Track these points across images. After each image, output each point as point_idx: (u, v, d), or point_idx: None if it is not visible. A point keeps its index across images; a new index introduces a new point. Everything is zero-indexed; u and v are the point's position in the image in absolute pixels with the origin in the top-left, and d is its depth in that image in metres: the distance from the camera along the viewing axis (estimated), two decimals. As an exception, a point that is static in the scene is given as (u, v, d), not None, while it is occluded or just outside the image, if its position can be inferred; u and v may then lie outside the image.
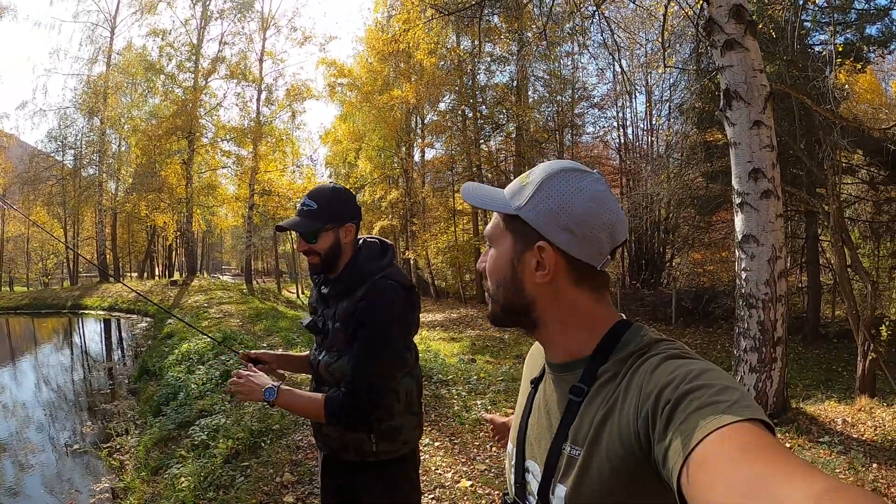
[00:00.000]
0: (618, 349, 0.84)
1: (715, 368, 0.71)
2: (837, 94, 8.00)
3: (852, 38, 12.83)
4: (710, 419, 0.60)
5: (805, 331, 14.34)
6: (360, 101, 24.35)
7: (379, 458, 1.81)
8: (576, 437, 0.80)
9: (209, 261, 53.00)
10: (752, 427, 0.58)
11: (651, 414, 0.69)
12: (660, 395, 0.69)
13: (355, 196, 1.95)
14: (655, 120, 23.37)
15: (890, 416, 4.93)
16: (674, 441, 0.62)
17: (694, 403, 0.64)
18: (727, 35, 4.83)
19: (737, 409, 0.61)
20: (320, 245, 1.81)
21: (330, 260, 1.83)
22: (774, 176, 4.84)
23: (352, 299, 1.78)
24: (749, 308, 4.97)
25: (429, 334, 14.93)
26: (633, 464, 0.71)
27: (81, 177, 28.65)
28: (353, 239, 1.86)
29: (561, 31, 16.25)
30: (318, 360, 1.87)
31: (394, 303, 1.77)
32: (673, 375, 0.70)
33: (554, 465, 0.83)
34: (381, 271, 1.82)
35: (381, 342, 1.74)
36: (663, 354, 0.77)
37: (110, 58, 26.23)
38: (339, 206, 1.83)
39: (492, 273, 0.92)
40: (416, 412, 1.92)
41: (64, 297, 23.67)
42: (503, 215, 0.90)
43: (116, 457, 5.71)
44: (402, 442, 1.85)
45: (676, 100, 20.78)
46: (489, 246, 0.94)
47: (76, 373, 11.20)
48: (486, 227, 0.94)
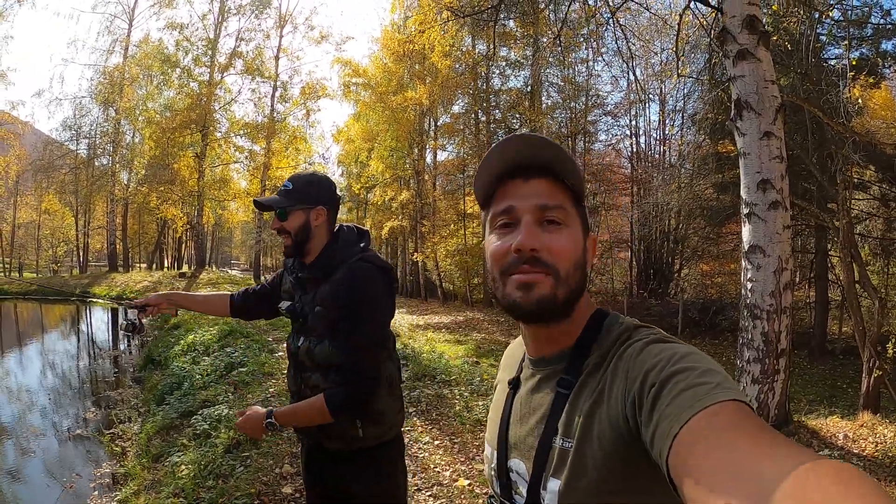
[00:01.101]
0: (600, 338, 0.84)
1: (697, 352, 0.72)
2: (851, 109, 7.96)
3: (868, 53, 12.79)
4: (696, 400, 0.61)
5: (811, 346, 14.26)
6: (374, 101, 24.39)
7: (365, 443, 1.81)
8: (567, 429, 0.80)
9: (218, 255, 53.28)
10: (735, 406, 0.59)
11: (637, 397, 0.69)
12: (645, 378, 0.70)
13: (335, 184, 1.98)
14: (668, 129, 23.33)
15: (892, 433, 4.90)
16: (661, 423, 0.63)
17: (679, 385, 0.65)
18: (740, 45, 4.83)
19: (720, 390, 0.62)
20: (290, 223, 1.85)
21: (300, 240, 1.86)
22: (783, 187, 4.83)
23: (331, 282, 1.81)
24: (753, 319, 4.96)
25: (434, 336, 14.93)
26: (625, 449, 0.71)
27: (94, 166, 28.97)
28: (324, 222, 1.89)
29: (576, 36, 16.29)
30: (298, 346, 1.88)
31: (373, 283, 1.81)
32: (657, 359, 0.71)
33: (544, 460, 0.82)
34: (358, 255, 1.86)
35: (365, 321, 1.77)
36: (646, 339, 0.78)
37: (127, 49, 26.52)
38: (312, 189, 1.87)
39: (570, 253, 0.83)
40: (398, 396, 1.94)
41: (72, 284, 23.86)
42: (574, 196, 0.87)
43: (118, 443, 5.76)
44: (388, 426, 1.86)
45: (690, 110, 20.80)
46: (555, 221, 0.84)
47: (82, 360, 11.25)
48: (544, 198, 0.84)
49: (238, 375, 6.58)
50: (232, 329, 9.48)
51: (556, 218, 0.84)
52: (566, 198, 0.86)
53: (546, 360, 0.89)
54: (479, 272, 24.71)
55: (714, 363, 0.69)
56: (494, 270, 0.85)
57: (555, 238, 0.83)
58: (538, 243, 0.81)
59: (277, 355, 7.77)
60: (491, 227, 0.88)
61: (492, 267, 0.86)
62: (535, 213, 0.84)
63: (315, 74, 52.22)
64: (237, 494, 3.60)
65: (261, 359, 7.31)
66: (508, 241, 0.83)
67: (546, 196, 0.84)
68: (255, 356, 7.45)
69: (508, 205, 0.85)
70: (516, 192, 0.86)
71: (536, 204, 0.84)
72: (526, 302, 0.81)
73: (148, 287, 21.19)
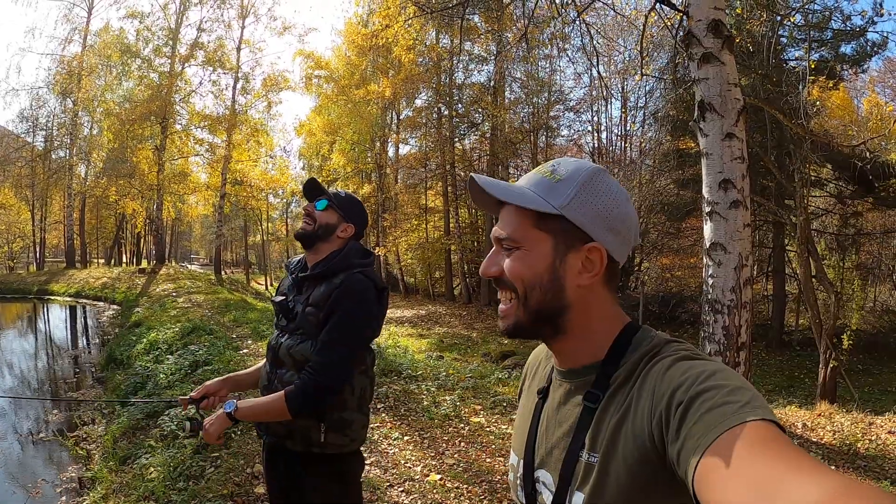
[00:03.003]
0: (629, 352, 0.84)
1: (726, 369, 0.72)
2: (810, 110, 8.21)
3: (827, 56, 13.18)
4: (723, 419, 0.61)
5: (769, 338, 14.71)
6: (336, 95, 24.24)
7: (325, 450, 1.83)
8: (593, 443, 0.80)
9: (178, 249, 52.24)
10: (764, 426, 0.59)
11: (665, 415, 0.69)
12: (672, 396, 0.69)
13: (367, 213, 2.12)
14: (630, 126, 23.68)
15: (849, 422, 5.11)
16: (687, 442, 0.63)
17: (706, 404, 0.64)
18: (705, 49, 4.94)
19: (749, 409, 0.61)
20: (322, 216, 1.92)
21: (318, 234, 1.91)
22: (744, 187, 4.97)
23: (329, 285, 1.84)
24: (715, 313, 5.10)
25: (397, 330, 14.96)
26: (650, 466, 0.71)
27: (51, 159, 28.14)
28: (347, 238, 1.96)
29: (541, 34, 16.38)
30: (280, 343, 1.89)
31: (367, 298, 1.85)
32: (685, 377, 0.71)
33: (570, 473, 0.82)
34: (361, 267, 1.90)
35: (350, 330, 1.79)
36: (675, 356, 0.77)
37: (86, 38, 25.74)
38: (354, 208, 1.99)
39: (524, 276, 0.85)
40: (365, 412, 1.95)
41: (30, 281, 23.15)
42: (534, 214, 0.85)
43: (83, 446, 5.64)
44: (350, 438, 1.88)
45: (651, 107, 21.10)
46: (510, 248, 0.87)
47: (40, 360, 10.97)
48: (502, 228, 0.87)
49: (203, 374, 6.50)
50: (195, 326, 9.34)
51: (509, 245, 0.87)
52: (526, 221, 0.86)
53: (575, 373, 0.89)
54: (441, 266, 24.80)
55: (743, 381, 0.69)
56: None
57: (508, 262, 0.87)
58: (495, 270, 0.88)
59: (242, 352, 7.69)
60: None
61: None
62: (497, 243, 0.90)
63: (277, 66, 51.52)
64: (209, 496, 3.57)
65: (226, 356, 7.23)
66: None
67: (503, 226, 0.88)
68: (220, 354, 7.36)
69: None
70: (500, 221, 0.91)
71: (496, 236, 0.89)
72: (503, 330, 0.90)
73: (107, 284, 20.64)
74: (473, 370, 7.81)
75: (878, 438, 4.70)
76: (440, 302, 22.93)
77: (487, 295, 20.89)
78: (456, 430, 5.18)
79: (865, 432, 4.85)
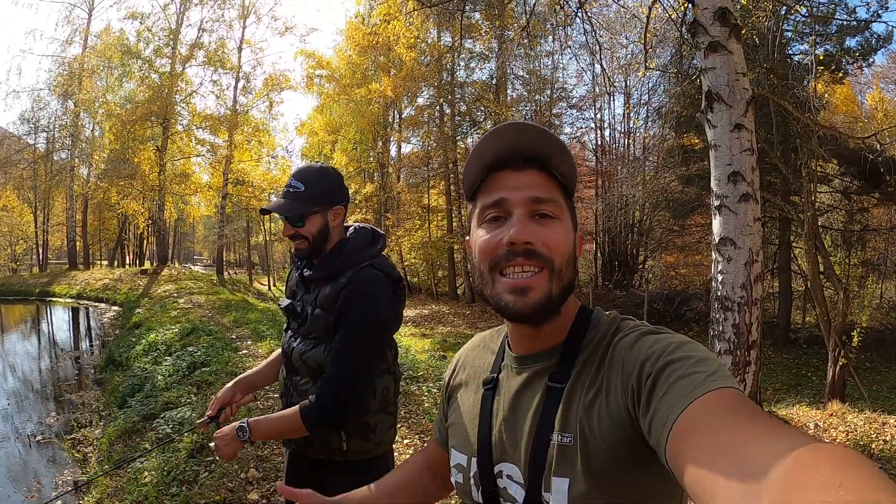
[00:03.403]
0: (590, 331, 0.83)
1: (691, 342, 0.72)
2: (816, 104, 8.09)
3: (832, 50, 13.04)
4: (692, 389, 0.61)
5: (776, 335, 14.56)
6: (337, 94, 24.08)
7: (347, 457, 1.70)
8: (564, 424, 0.77)
9: (181, 250, 52.31)
10: (730, 393, 0.60)
11: (635, 388, 0.69)
12: (641, 369, 0.70)
13: (343, 176, 1.85)
14: (633, 122, 23.52)
15: (862, 422, 4.99)
16: (657, 412, 0.63)
17: (674, 375, 0.65)
18: (711, 37, 4.82)
19: (716, 377, 0.62)
20: (308, 229, 1.71)
21: (318, 244, 1.74)
22: (753, 180, 4.85)
23: (335, 285, 1.68)
24: (724, 311, 4.98)
25: (400, 330, 14.88)
26: (627, 440, 0.71)
27: (53, 161, 28.19)
28: (341, 222, 1.78)
29: (543, 28, 16.28)
30: (293, 348, 1.76)
31: (378, 293, 1.69)
32: (652, 349, 0.71)
33: (543, 458, 0.78)
34: (369, 259, 1.73)
35: (362, 334, 1.64)
36: (639, 331, 0.78)
37: (87, 40, 25.73)
38: (328, 187, 1.74)
39: (564, 250, 0.80)
40: (391, 412, 1.82)
41: (32, 283, 23.14)
42: (563, 187, 0.83)
43: (80, 448, 5.56)
44: (375, 442, 1.75)
45: (655, 103, 20.96)
46: (548, 215, 0.80)
47: (43, 361, 10.95)
48: (538, 191, 0.80)
49: (201, 375, 6.41)
50: (194, 327, 9.27)
51: (549, 211, 0.80)
52: (558, 191, 0.82)
53: (534, 357, 0.86)
54: (444, 265, 24.75)
55: (708, 352, 0.69)
56: (483, 266, 0.82)
57: (549, 231, 0.79)
58: (533, 236, 0.78)
59: (241, 353, 7.60)
60: (479, 221, 0.84)
61: (480, 262, 0.82)
62: (528, 205, 0.80)
63: (278, 66, 51.59)
64: (202, 502, 3.46)
65: (224, 357, 7.14)
66: (499, 235, 0.79)
67: (539, 188, 0.80)
68: (219, 355, 7.27)
69: (499, 197, 0.81)
70: (507, 184, 0.81)
71: (529, 196, 0.79)
72: (522, 307, 0.78)
73: (108, 285, 20.61)
74: (477, 371, 7.69)
75: (892, 439, 4.58)
76: (443, 301, 22.84)
77: (491, 294, 20.64)
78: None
79: (879, 432, 4.72)
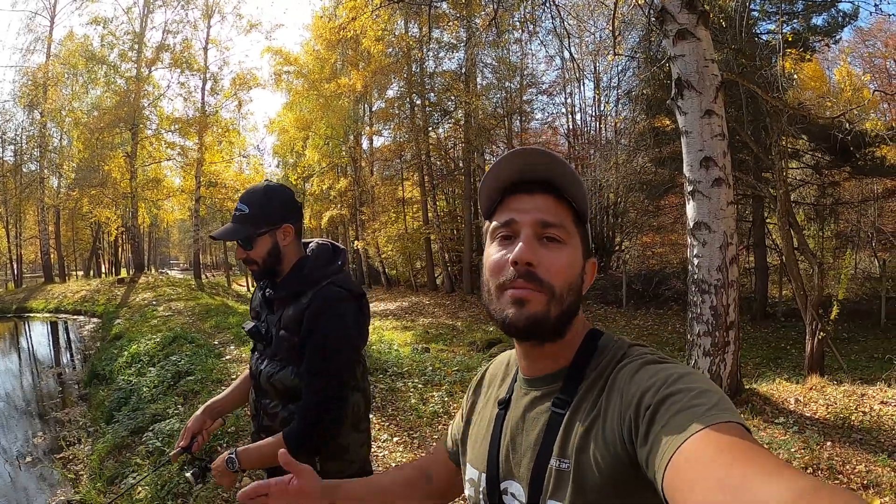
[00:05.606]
0: (595, 357, 0.84)
1: (693, 372, 0.72)
2: (784, 83, 8.20)
3: (799, 28, 13.21)
4: (691, 423, 0.61)
5: (753, 311, 14.79)
6: (306, 90, 23.85)
7: (326, 477, 1.74)
8: (562, 449, 0.79)
9: (157, 256, 51.71)
10: (731, 428, 0.59)
11: (633, 419, 0.69)
12: (641, 400, 0.69)
13: (293, 193, 1.81)
14: (604, 106, 23.62)
15: (841, 395, 5.12)
16: (656, 445, 0.63)
17: (674, 407, 0.65)
18: (679, 25, 4.88)
19: (716, 411, 0.62)
20: (257, 252, 1.69)
21: (269, 266, 1.72)
22: (725, 164, 4.94)
23: (297, 305, 1.67)
24: (702, 293, 5.08)
25: (381, 324, 14.88)
26: (622, 469, 0.71)
27: (22, 173, 27.50)
28: (293, 240, 1.75)
29: (511, 17, 16.25)
30: (261, 370, 1.75)
31: (342, 311, 1.68)
32: (653, 380, 0.71)
33: (541, 481, 0.80)
34: (329, 277, 1.72)
35: (331, 351, 1.63)
36: (641, 360, 0.78)
37: (50, 47, 25.18)
38: (273, 207, 1.70)
39: (567, 276, 0.81)
40: (363, 429, 1.83)
41: (8, 300, 22.66)
42: (574, 212, 0.86)
43: (70, 467, 5.50)
44: (349, 461, 1.77)
45: (625, 86, 21.04)
46: (555, 239, 0.83)
47: (25, 379, 10.74)
48: (544, 214, 0.83)
49: (186, 384, 6.37)
50: (176, 335, 9.19)
51: (556, 235, 0.83)
52: (568, 216, 0.85)
53: (541, 380, 0.88)
54: (422, 256, 24.78)
55: (710, 383, 0.69)
56: (491, 283, 0.84)
57: (552, 255, 0.81)
58: (534, 258, 0.80)
59: (225, 359, 7.57)
60: (491, 239, 0.87)
61: (488, 279, 0.85)
62: (535, 227, 0.83)
63: (245, 64, 51.02)
64: (197, 514, 3.47)
65: (208, 364, 7.11)
66: (507, 255, 0.82)
67: (548, 212, 0.83)
68: (203, 363, 7.23)
69: (509, 217, 0.84)
70: (518, 206, 0.85)
71: (537, 219, 0.83)
72: (518, 318, 0.80)
73: (86, 297, 20.28)
74: (460, 362, 7.74)
75: (871, 410, 4.70)
76: (423, 292, 22.88)
77: (470, 282, 20.81)
78: (445, 427, 5.09)
79: (858, 404, 4.85)
